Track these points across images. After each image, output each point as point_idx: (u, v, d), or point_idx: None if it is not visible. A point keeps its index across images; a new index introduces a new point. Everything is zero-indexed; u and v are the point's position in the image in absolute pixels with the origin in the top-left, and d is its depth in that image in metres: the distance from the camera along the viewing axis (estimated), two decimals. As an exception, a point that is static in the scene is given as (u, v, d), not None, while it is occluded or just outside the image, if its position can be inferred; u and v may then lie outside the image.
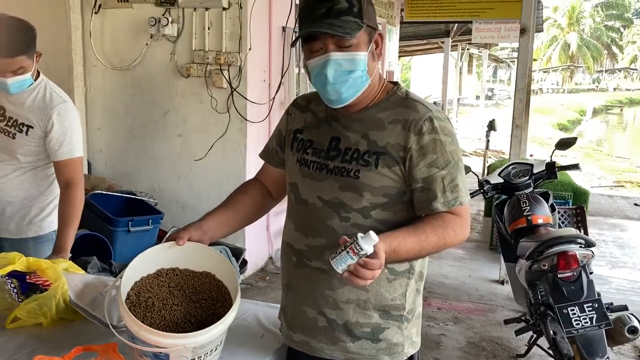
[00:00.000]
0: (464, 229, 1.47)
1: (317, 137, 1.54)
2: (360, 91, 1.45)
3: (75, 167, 2.36)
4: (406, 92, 1.53)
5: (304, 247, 1.54)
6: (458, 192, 1.45)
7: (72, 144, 2.33)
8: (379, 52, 1.47)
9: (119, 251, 3.97)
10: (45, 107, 2.30)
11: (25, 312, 1.66)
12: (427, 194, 1.44)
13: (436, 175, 1.43)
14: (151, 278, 1.52)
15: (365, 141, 1.46)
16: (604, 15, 49.78)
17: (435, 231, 1.41)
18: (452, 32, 12.04)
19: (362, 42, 1.41)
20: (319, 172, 1.51)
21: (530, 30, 4.57)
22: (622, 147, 20.02)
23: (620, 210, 7.79)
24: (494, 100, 30.85)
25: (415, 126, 1.43)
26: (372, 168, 1.44)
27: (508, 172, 3.65)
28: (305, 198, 1.54)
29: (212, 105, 4.41)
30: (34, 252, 2.30)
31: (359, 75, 1.42)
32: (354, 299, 1.49)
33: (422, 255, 1.45)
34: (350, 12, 1.38)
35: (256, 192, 1.74)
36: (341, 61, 1.40)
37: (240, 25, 4.26)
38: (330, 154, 1.50)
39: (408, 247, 1.37)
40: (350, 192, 1.46)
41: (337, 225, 1.48)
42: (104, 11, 4.58)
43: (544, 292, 2.97)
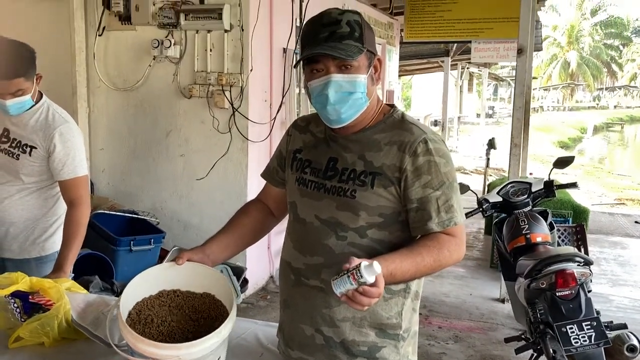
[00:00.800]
0: (459, 249, 1.49)
1: (316, 157, 1.58)
2: (359, 112, 1.50)
3: (79, 186, 2.38)
4: (402, 114, 1.57)
5: (302, 265, 1.57)
6: (453, 212, 1.47)
7: (75, 163, 2.36)
8: (377, 77, 1.53)
9: (121, 270, 3.99)
10: (47, 128, 2.34)
11: (27, 332, 1.68)
12: (422, 215, 1.47)
13: (431, 196, 1.46)
14: (153, 298, 1.55)
15: (361, 162, 1.50)
16: (603, 33, 50.12)
17: (430, 253, 1.44)
18: (451, 52, 12.15)
19: (362, 65, 1.46)
20: (316, 192, 1.55)
21: (527, 50, 4.63)
22: (623, 164, 20.05)
23: (621, 228, 7.79)
24: (495, 118, 30.96)
25: (410, 148, 1.47)
26: (368, 188, 1.48)
27: (507, 191, 3.68)
28: (303, 217, 1.57)
29: (214, 125, 4.46)
30: (36, 273, 2.31)
31: (358, 97, 1.47)
32: (350, 317, 1.51)
33: (418, 276, 1.48)
34: (352, 36, 1.44)
35: (257, 212, 1.77)
36: (342, 82, 1.45)
37: (242, 47, 4.33)
38: (328, 174, 1.54)
39: (404, 270, 1.39)
40: (347, 211, 1.50)
41: (334, 244, 1.51)
42: (108, 33, 4.66)
43: (543, 311, 2.98)
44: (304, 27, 1.51)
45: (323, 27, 1.45)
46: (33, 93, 2.33)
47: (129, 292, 1.51)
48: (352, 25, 1.45)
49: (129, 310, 1.52)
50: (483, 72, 19.69)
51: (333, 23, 1.45)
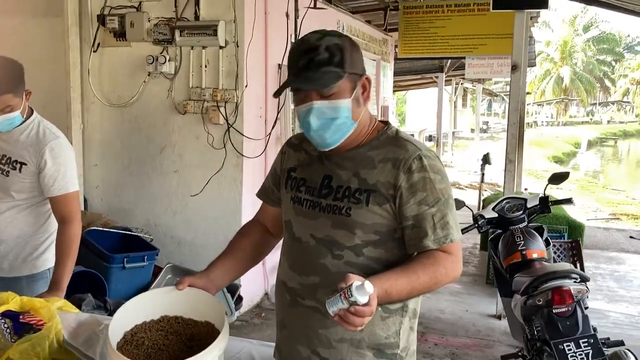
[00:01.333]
0: (455, 266, 1.48)
1: (310, 176, 1.57)
2: (346, 135, 1.49)
3: (70, 203, 2.36)
4: (396, 131, 1.56)
5: (298, 285, 1.55)
6: (449, 229, 1.46)
7: (66, 179, 2.34)
8: (365, 96, 1.50)
9: (114, 288, 3.95)
10: (38, 144, 2.32)
11: (18, 353, 1.65)
12: (418, 232, 1.46)
13: (426, 213, 1.45)
14: (153, 322, 1.54)
15: (356, 179, 1.49)
16: (596, 49, 50.61)
17: (426, 270, 1.42)
18: (445, 68, 12.23)
19: (344, 89, 1.44)
20: (312, 210, 1.53)
21: (521, 66, 4.65)
22: (617, 179, 20.13)
23: (616, 243, 7.79)
24: (489, 133, 31.11)
25: (405, 164, 1.46)
26: (363, 205, 1.47)
27: (502, 207, 3.67)
28: (299, 236, 1.56)
29: (208, 141, 4.45)
30: (27, 291, 2.29)
31: (342, 121, 1.46)
32: (348, 338, 1.49)
33: (414, 295, 1.46)
34: (331, 62, 1.41)
35: (257, 234, 1.76)
36: (324, 109, 1.44)
37: (237, 63, 4.34)
38: (323, 192, 1.53)
39: (400, 288, 1.38)
40: (343, 229, 1.48)
41: (330, 264, 1.50)
42: (103, 49, 4.66)
43: (539, 328, 2.96)
44: (289, 53, 1.50)
45: (302, 54, 1.43)
46: (22, 109, 2.31)
47: (123, 313, 1.49)
48: (331, 50, 1.42)
49: (125, 331, 1.50)
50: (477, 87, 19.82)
51: (311, 49, 1.42)
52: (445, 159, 17.04)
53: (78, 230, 2.36)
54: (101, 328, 1.78)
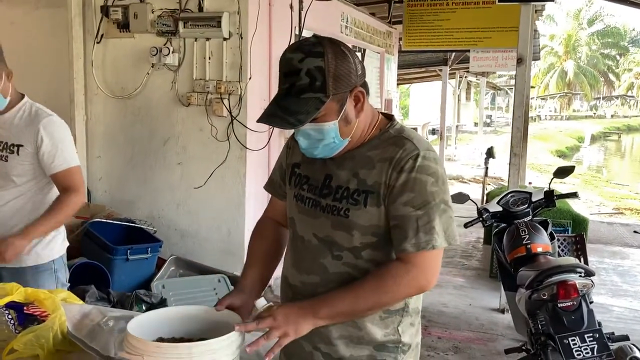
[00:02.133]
0: (413, 278, 1.41)
1: (313, 174, 1.55)
2: (337, 151, 1.46)
3: (73, 176, 2.34)
4: (400, 128, 1.51)
5: (299, 283, 1.55)
6: (432, 234, 1.40)
7: (64, 154, 2.32)
8: (359, 109, 1.44)
9: (117, 279, 3.96)
10: (31, 123, 2.31)
11: (22, 344, 1.64)
12: (400, 233, 1.42)
13: (411, 215, 1.40)
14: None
15: (355, 180, 1.46)
16: (600, 43, 50.40)
17: (372, 281, 1.41)
18: (449, 61, 12.18)
19: (330, 112, 1.39)
20: (313, 209, 1.52)
21: (527, 59, 4.62)
22: (620, 173, 20.09)
23: (620, 238, 7.77)
24: (493, 127, 31.06)
25: (398, 164, 1.42)
26: (361, 207, 1.44)
27: (507, 201, 3.66)
28: (302, 234, 1.55)
29: (212, 134, 4.44)
30: (32, 282, 2.29)
31: (330, 141, 1.43)
32: (347, 336, 1.49)
33: (361, 306, 1.42)
34: (312, 87, 1.35)
35: (273, 233, 1.72)
36: (309, 132, 1.41)
37: (241, 55, 4.32)
38: (324, 192, 1.50)
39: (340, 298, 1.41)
40: (341, 230, 1.47)
41: (330, 264, 1.48)
42: (106, 41, 4.64)
43: (544, 322, 2.95)
44: (279, 61, 1.43)
45: (285, 77, 1.38)
46: (3, 90, 2.28)
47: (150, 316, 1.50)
48: (312, 75, 1.34)
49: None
50: (481, 81, 19.74)
51: (293, 73, 1.36)
52: (449, 153, 17.02)
53: (78, 202, 2.33)
54: (105, 320, 1.77)
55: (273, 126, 1.45)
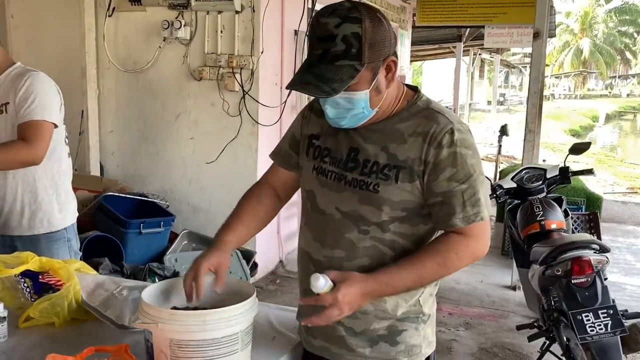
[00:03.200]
0: (473, 248, 1.42)
1: (335, 146, 1.51)
2: (364, 121, 1.43)
3: (32, 129, 2.20)
4: (427, 101, 1.48)
5: (323, 257, 1.51)
6: (479, 206, 1.39)
7: (32, 107, 2.21)
8: (390, 78, 1.41)
9: (130, 253, 3.98)
10: (17, 79, 2.25)
11: (37, 312, 1.66)
12: (447, 209, 1.40)
13: (456, 190, 1.38)
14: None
15: (384, 154, 1.43)
16: (617, 20, 49.43)
17: (433, 258, 1.40)
18: (464, 37, 12.00)
19: (362, 81, 1.35)
20: (337, 183, 1.48)
21: (543, 34, 4.54)
22: (635, 153, 19.85)
23: (634, 217, 7.71)
24: (506, 105, 30.73)
25: (435, 139, 1.39)
26: (392, 182, 1.41)
27: (521, 177, 3.62)
28: (323, 208, 1.51)
29: (224, 109, 4.42)
30: (46, 250, 2.29)
31: (359, 111, 1.39)
32: (372, 310, 1.47)
33: (425, 282, 1.45)
34: (347, 54, 1.31)
35: (269, 200, 1.70)
36: (339, 100, 1.38)
37: (253, 29, 4.27)
38: (349, 165, 1.47)
39: (403, 279, 1.39)
40: (370, 205, 1.44)
41: (356, 238, 1.46)
42: (118, 14, 4.61)
43: (557, 298, 2.94)
44: (310, 24, 1.40)
45: (319, 41, 1.33)
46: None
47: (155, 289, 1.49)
48: (348, 41, 1.30)
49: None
50: (495, 58, 19.50)
51: (328, 38, 1.31)
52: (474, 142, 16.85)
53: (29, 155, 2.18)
54: (119, 289, 1.78)
55: (306, 93, 1.40)
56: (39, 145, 2.21)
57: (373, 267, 1.43)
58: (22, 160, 2.22)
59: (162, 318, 1.34)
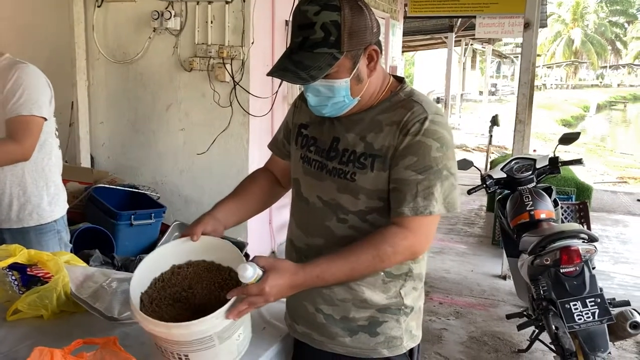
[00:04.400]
0: (409, 243, 1.39)
1: (321, 135, 1.53)
2: (345, 110, 1.44)
3: (21, 125, 2.18)
4: (410, 91, 1.48)
5: (304, 245, 1.54)
6: (431, 200, 1.37)
7: (21, 101, 2.18)
8: (372, 67, 1.41)
9: (121, 244, 3.98)
10: (5, 71, 2.23)
11: (26, 305, 1.66)
12: (398, 196, 1.39)
13: (411, 179, 1.38)
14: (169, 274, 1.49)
15: (362, 143, 1.44)
16: (608, 10, 49.60)
17: (367, 251, 1.37)
18: (455, 27, 12.01)
19: (342, 69, 1.36)
20: (319, 172, 1.50)
21: (534, 24, 4.54)
22: (625, 143, 19.98)
23: (623, 206, 7.77)
24: (497, 95, 30.79)
25: (405, 127, 1.40)
26: (368, 171, 1.42)
27: (511, 167, 3.64)
28: (306, 196, 1.54)
29: (214, 99, 4.40)
30: (36, 243, 2.29)
31: (339, 100, 1.40)
32: (350, 298, 1.48)
33: (358, 275, 1.41)
34: (326, 42, 1.31)
35: (266, 181, 1.72)
36: (320, 88, 1.38)
37: (243, 19, 4.25)
38: (331, 154, 1.49)
39: (335, 271, 1.36)
40: (347, 194, 1.45)
41: (335, 227, 1.47)
42: (107, 4, 4.57)
43: (546, 287, 2.97)
44: (292, 13, 1.41)
45: (299, 29, 1.34)
46: None
47: (143, 267, 1.46)
48: (326, 29, 1.31)
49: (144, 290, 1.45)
50: (487, 49, 19.51)
51: (307, 26, 1.32)
52: (453, 121, 16.93)
53: (17, 152, 2.15)
54: (109, 281, 1.78)
55: (284, 80, 1.39)
56: (27, 142, 2.19)
57: None
58: (10, 159, 2.21)
59: (138, 319, 1.34)
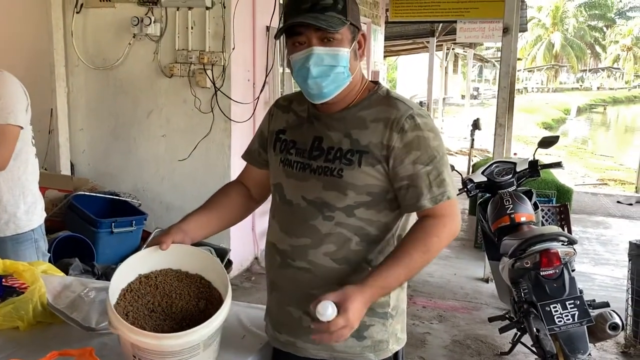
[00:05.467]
0: (448, 228, 1.46)
1: (300, 137, 1.54)
2: (341, 87, 1.46)
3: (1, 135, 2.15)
4: (387, 90, 1.54)
5: (288, 247, 1.54)
6: (445, 186, 1.44)
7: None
8: (361, 52, 1.49)
9: (102, 253, 3.94)
10: None
11: (1, 317, 1.63)
12: (414, 191, 1.44)
13: (421, 172, 1.43)
14: (137, 284, 1.48)
15: (348, 140, 1.47)
16: (587, 15, 50.30)
17: (417, 248, 1.41)
18: (437, 32, 12.10)
19: (345, 39, 1.42)
20: (302, 172, 1.51)
21: (512, 29, 4.59)
22: (605, 145, 20.24)
23: (603, 208, 7.87)
24: (480, 99, 31.02)
25: (397, 124, 1.44)
26: (356, 167, 1.45)
27: (491, 171, 3.67)
28: (290, 198, 1.54)
29: (195, 105, 4.38)
30: (12, 253, 2.25)
31: (340, 71, 1.43)
32: None
33: (414, 273, 1.45)
34: (335, 8, 1.40)
35: (238, 195, 1.72)
36: (324, 55, 1.41)
37: (224, 25, 4.24)
38: (314, 154, 1.50)
39: (396, 276, 1.39)
40: (334, 191, 1.46)
41: (321, 225, 1.48)
42: (86, 10, 4.54)
43: (526, 290, 2.99)
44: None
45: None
46: None
47: (113, 284, 1.45)
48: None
49: (120, 289, 1.45)
50: (468, 53, 19.68)
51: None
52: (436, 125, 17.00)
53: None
54: (86, 291, 1.76)
55: (294, 33, 1.42)
56: (3, 152, 2.18)
57: (338, 253, 1.47)
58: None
59: (122, 330, 1.33)
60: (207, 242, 4.26)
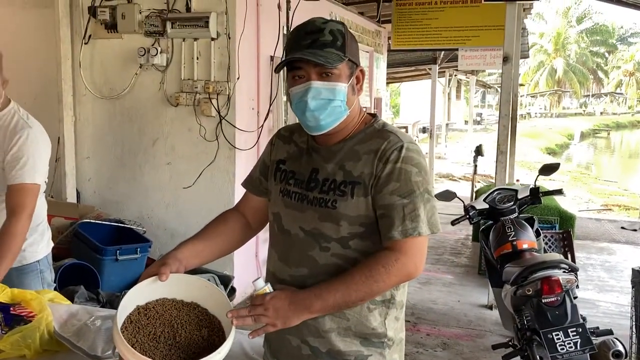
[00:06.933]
0: (402, 264, 1.45)
1: (299, 168, 1.59)
2: (339, 120, 1.50)
3: (23, 195, 2.21)
4: (383, 124, 1.58)
5: (287, 277, 1.56)
6: (418, 222, 1.45)
7: (24, 169, 2.22)
8: (359, 87, 1.54)
9: (106, 280, 3.96)
10: (10, 133, 2.25)
11: (8, 344, 1.66)
12: (387, 221, 1.46)
13: (397, 204, 1.45)
14: (135, 315, 1.49)
15: (341, 172, 1.51)
16: (589, 41, 50.71)
17: (361, 271, 1.44)
18: (439, 59, 12.21)
19: (343, 74, 1.48)
20: (300, 203, 1.55)
21: (512, 58, 4.66)
22: (609, 170, 20.24)
23: (607, 234, 7.85)
24: (483, 124, 31.15)
25: (384, 155, 1.48)
26: (348, 198, 1.48)
27: (493, 198, 3.69)
28: (288, 229, 1.57)
29: (200, 134, 4.45)
30: (17, 283, 2.27)
31: (337, 104, 1.48)
32: (335, 327, 1.51)
33: (355, 297, 1.44)
34: (334, 45, 1.46)
35: (235, 223, 1.74)
36: (322, 89, 1.46)
37: (229, 55, 4.33)
38: (310, 185, 1.54)
39: (333, 288, 1.44)
40: (329, 222, 1.50)
41: (318, 256, 1.51)
42: (94, 41, 4.64)
43: (529, 317, 2.99)
44: (289, 35, 1.54)
45: (306, 34, 1.47)
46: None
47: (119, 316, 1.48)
48: (334, 34, 1.47)
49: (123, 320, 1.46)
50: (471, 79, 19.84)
51: (316, 31, 1.46)
52: (439, 151, 17.08)
53: (25, 226, 2.19)
54: (92, 319, 1.79)
55: (294, 67, 1.49)
56: (28, 212, 2.22)
57: None
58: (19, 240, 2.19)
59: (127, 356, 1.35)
60: (210, 270, 4.29)
